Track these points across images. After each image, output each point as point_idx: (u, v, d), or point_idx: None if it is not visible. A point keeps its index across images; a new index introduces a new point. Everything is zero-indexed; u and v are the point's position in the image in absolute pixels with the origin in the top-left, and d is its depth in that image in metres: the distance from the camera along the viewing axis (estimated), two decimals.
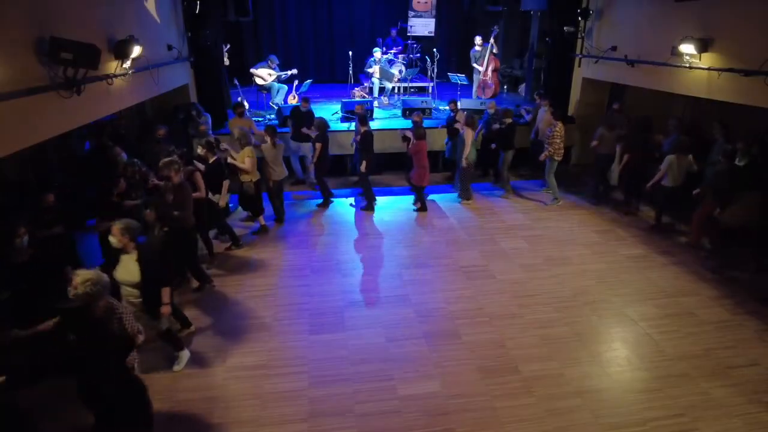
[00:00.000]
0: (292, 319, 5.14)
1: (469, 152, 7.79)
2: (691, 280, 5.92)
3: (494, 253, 6.55)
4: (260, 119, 9.77)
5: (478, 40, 10.71)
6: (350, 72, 11.28)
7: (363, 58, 12.23)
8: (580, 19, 9.18)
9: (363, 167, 7.61)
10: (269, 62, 10.34)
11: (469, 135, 7.68)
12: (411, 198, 8.38)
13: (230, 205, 7.32)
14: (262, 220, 7.15)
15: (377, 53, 11.02)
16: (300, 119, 8.23)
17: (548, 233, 7.12)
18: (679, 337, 4.88)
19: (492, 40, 10.40)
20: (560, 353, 4.65)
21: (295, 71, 10.52)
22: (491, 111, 8.70)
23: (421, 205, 7.95)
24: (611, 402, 4.08)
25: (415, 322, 5.10)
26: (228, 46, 11.91)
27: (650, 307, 5.36)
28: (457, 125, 8.17)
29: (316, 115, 8.26)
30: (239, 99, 10.25)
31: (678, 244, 6.82)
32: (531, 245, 6.75)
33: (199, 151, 6.29)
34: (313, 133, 7.64)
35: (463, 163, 7.83)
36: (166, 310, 4.03)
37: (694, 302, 5.46)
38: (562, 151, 7.90)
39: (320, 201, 8.13)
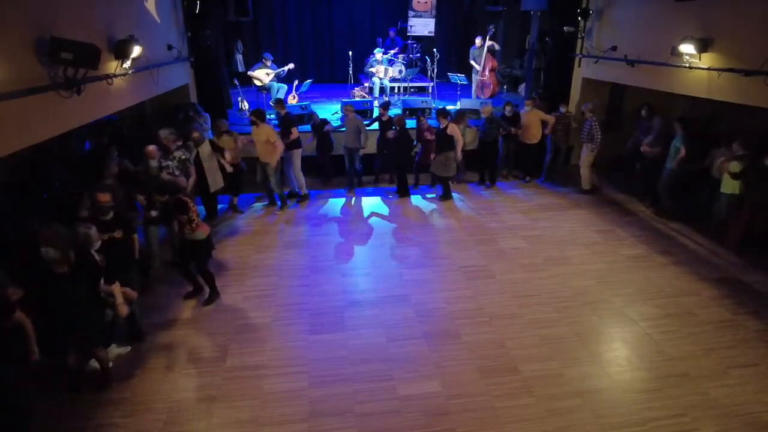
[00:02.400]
0: (292, 319, 5.14)
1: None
2: (691, 280, 5.92)
3: (494, 253, 6.55)
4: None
5: (478, 40, 10.71)
6: (350, 72, 11.29)
7: (363, 58, 12.25)
8: (580, 19, 9.18)
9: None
10: (264, 60, 10.32)
11: (455, 130, 7.89)
12: (414, 197, 8.41)
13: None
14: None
15: (378, 54, 11.02)
16: (283, 125, 7.93)
17: (548, 233, 7.12)
18: (679, 337, 4.88)
19: (489, 40, 10.40)
20: (560, 353, 4.65)
21: (291, 66, 10.50)
22: (486, 116, 8.63)
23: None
24: (611, 402, 4.08)
25: (415, 322, 5.09)
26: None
27: (650, 307, 5.36)
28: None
29: (313, 113, 8.54)
30: (239, 99, 10.30)
31: (678, 244, 6.82)
32: (531, 245, 6.75)
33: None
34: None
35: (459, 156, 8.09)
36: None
37: (694, 302, 5.46)
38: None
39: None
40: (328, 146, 8.72)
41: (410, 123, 8.84)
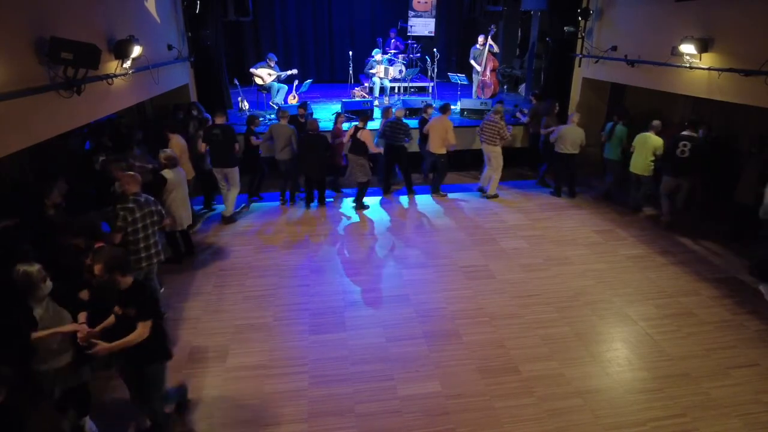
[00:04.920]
0: (292, 319, 5.14)
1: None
2: (691, 280, 5.92)
3: (494, 253, 6.55)
4: (260, 119, 9.76)
5: (480, 39, 10.72)
6: (350, 72, 11.29)
7: (363, 58, 12.25)
8: (580, 19, 9.18)
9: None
10: (268, 61, 10.35)
11: (367, 137, 7.48)
12: (405, 198, 8.41)
13: None
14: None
15: (378, 55, 11.03)
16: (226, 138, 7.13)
17: (548, 233, 7.12)
18: (679, 337, 4.88)
19: (490, 40, 10.42)
20: (560, 353, 4.65)
21: (295, 71, 10.53)
22: (399, 115, 8.01)
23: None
24: (611, 402, 4.08)
25: (415, 322, 5.09)
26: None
27: (650, 307, 5.36)
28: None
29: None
30: (239, 99, 10.30)
31: (678, 244, 6.82)
32: (531, 245, 6.75)
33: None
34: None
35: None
36: None
37: (694, 302, 5.46)
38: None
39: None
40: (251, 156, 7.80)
41: (413, 123, 8.82)
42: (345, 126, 8.05)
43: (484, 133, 8.11)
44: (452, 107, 8.53)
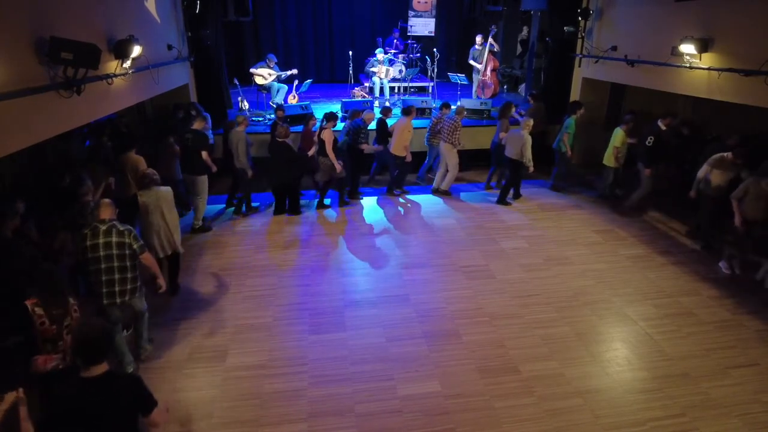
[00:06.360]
0: (292, 319, 5.14)
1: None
2: (691, 280, 5.92)
3: (494, 253, 6.55)
4: (260, 119, 9.77)
5: (478, 39, 10.75)
6: (350, 72, 11.29)
7: (363, 58, 12.26)
8: (580, 19, 9.19)
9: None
10: (267, 61, 10.35)
11: (327, 136, 7.29)
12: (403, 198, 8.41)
13: None
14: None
15: (380, 54, 11.04)
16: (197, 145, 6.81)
17: (548, 233, 7.13)
18: (679, 337, 4.88)
19: (491, 40, 10.43)
20: (560, 353, 4.65)
21: (295, 71, 10.54)
22: (366, 119, 7.79)
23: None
24: (611, 402, 4.08)
25: (415, 322, 5.10)
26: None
27: (650, 307, 5.36)
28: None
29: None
30: (239, 98, 10.30)
31: (678, 244, 6.83)
32: (531, 245, 6.75)
33: None
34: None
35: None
36: None
37: (694, 302, 5.46)
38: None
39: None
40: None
41: (416, 123, 8.78)
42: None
43: (442, 131, 8.11)
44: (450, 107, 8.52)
